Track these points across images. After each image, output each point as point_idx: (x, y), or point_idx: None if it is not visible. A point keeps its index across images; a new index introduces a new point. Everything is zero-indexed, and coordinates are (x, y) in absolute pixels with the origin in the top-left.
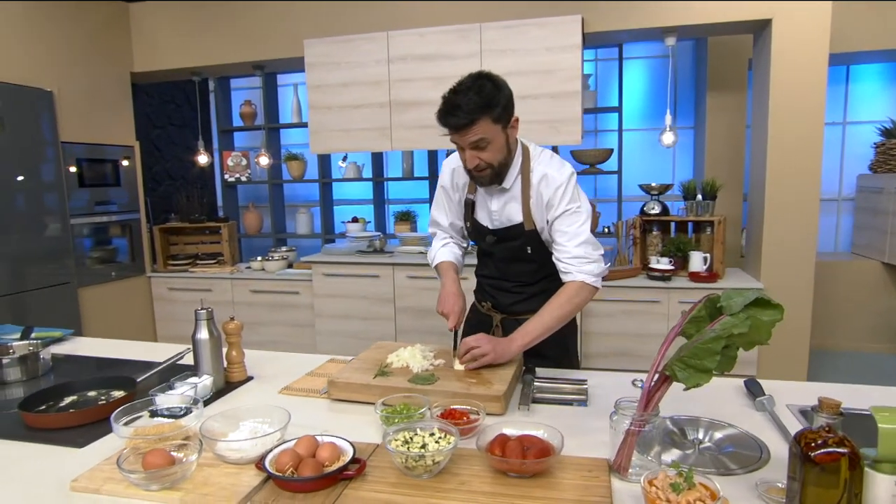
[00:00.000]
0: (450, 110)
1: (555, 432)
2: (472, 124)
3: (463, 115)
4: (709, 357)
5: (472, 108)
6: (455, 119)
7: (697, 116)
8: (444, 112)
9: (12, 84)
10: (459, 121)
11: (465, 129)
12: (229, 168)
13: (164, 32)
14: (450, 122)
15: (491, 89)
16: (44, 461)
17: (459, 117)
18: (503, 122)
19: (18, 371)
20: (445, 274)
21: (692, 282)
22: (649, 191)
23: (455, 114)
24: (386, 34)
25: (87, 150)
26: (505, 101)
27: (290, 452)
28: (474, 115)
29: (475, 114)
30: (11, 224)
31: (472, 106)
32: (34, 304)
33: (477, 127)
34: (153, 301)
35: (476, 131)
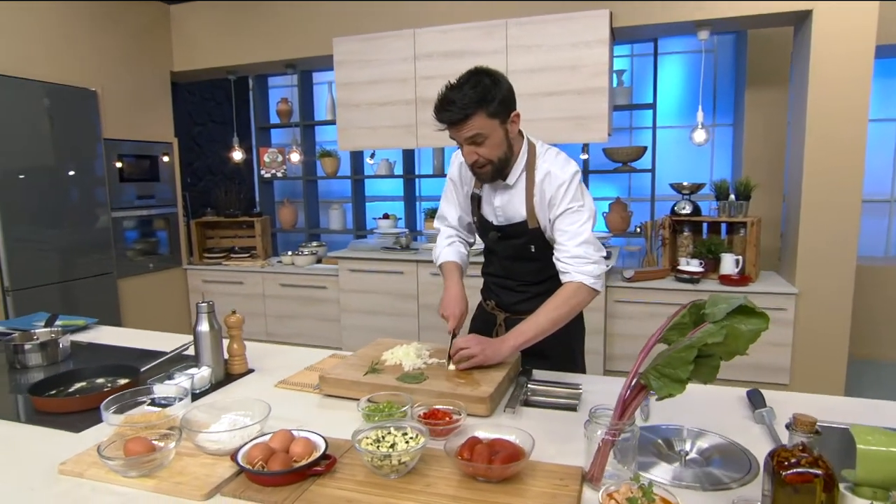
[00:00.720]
0: (444, 105)
1: (527, 437)
2: (467, 119)
3: (457, 109)
4: (682, 367)
5: (466, 103)
6: (448, 114)
7: (737, 113)
8: (439, 107)
9: (60, 84)
10: (453, 116)
11: (460, 125)
12: (265, 164)
13: (202, 33)
14: (444, 118)
15: (488, 84)
16: (43, 443)
17: (453, 112)
18: (501, 117)
19: (39, 357)
20: (449, 276)
21: (722, 285)
22: (680, 190)
23: (449, 108)
24: (413, 31)
25: (129, 146)
26: (502, 95)
27: (262, 446)
28: (468, 110)
29: (469, 108)
30: (60, 217)
31: (467, 101)
32: (79, 293)
33: (472, 122)
34: (189, 292)
35: (471, 126)
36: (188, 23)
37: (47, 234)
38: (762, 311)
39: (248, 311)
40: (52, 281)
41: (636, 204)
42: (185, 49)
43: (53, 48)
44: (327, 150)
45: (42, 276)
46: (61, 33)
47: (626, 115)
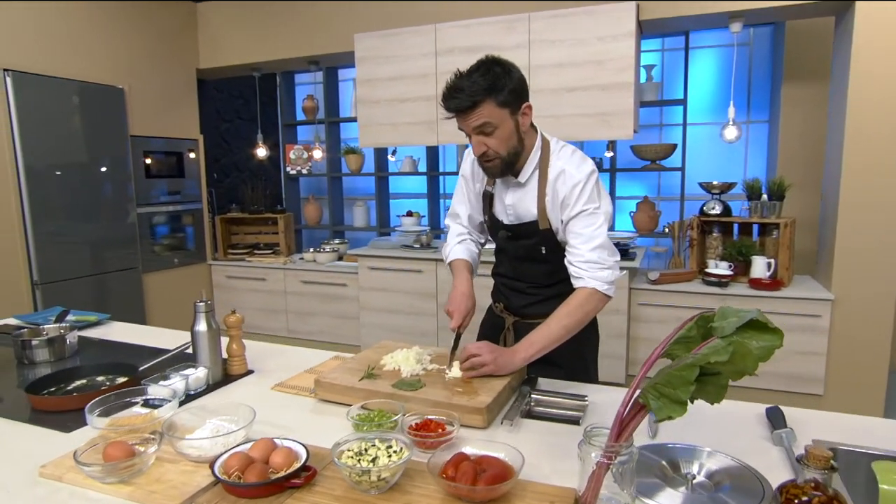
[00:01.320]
0: (452, 92)
1: (516, 455)
2: (475, 107)
3: (464, 96)
4: (682, 387)
5: (475, 90)
6: (456, 101)
7: (772, 109)
8: (447, 94)
9: (89, 82)
10: (461, 103)
11: (468, 112)
12: (291, 161)
13: (228, 30)
14: (451, 105)
15: (498, 72)
16: (33, 443)
17: (461, 99)
18: (511, 108)
19: (46, 352)
20: (458, 273)
21: (752, 289)
22: (710, 189)
23: (457, 96)
24: (433, 27)
25: (155, 143)
26: (513, 85)
27: (240, 455)
28: (477, 97)
29: (478, 95)
30: (87, 212)
31: (476, 88)
32: (105, 287)
33: (480, 110)
34: (213, 288)
35: (479, 114)
36: (214, 21)
37: (74, 229)
38: (776, 327)
39: (270, 308)
40: (78, 275)
41: (665, 203)
42: (210, 47)
43: (83, 47)
44: (352, 147)
45: (69, 269)
46: (90, 32)
47: (655, 112)
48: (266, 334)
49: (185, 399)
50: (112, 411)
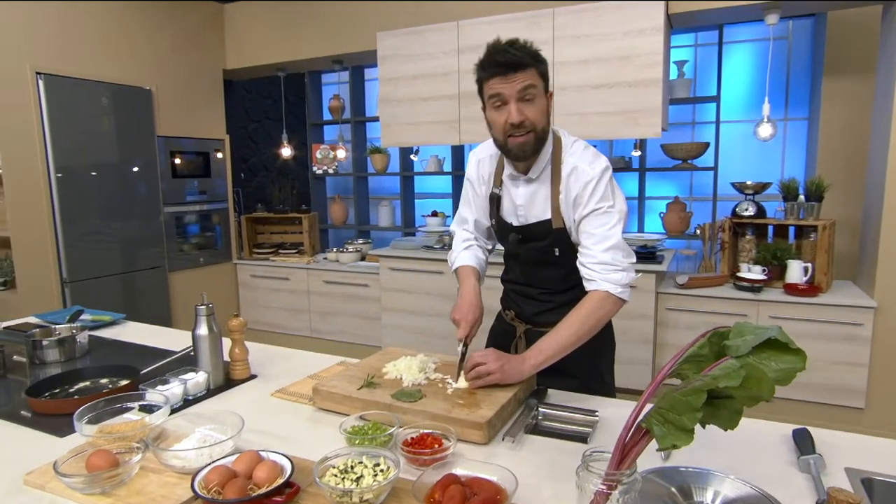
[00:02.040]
0: (505, 48)
1: (510, 478)
2: (525, 67)
3: (516, 51)
4: (688, 413)
5: (525, 52)
6: (509, 55)
7: (812, 106)
8: (495, 51)
9: (117, 84)
10: (514, 57)
11: (516, 73)
12: (318, 161)
13: (253, 30)
14: (502, 59)
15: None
16: (26, 447)
17: (513, 53)
18: (545, 83)
19: (57, 352)
20: (465, 280)
21: (787, 294)
22: (743, 190)
23: (510, 50)
24: (456, 24)
25: (182, 143)
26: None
27: (222, 469)
28: (527, 58)
29: (528, 56)
30: (115, 212)
31: (525, 51)
32: (131, 286)
33: (528, 72)
34: (238, 287)
35: (527, 76)
36: (240, 21)
37: (102, 228)
38: (798, 348)
39: (294, 308)
40: (106, 273)
41: (697, 204)
42: (237, 47)
43: (111, 49)
44: (377, 147)
45: (97, 268)
46: (119, 35)
47: (687, 109)
48: (289, 334)
49: (184, 404)
50: (106, 416)
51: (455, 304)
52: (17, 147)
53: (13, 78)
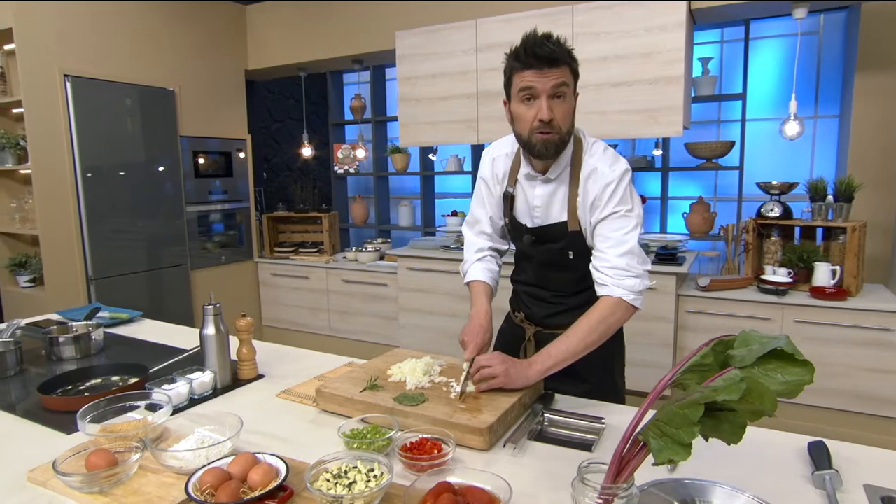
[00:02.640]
0: (541, 42)
1: (504, 487)
2: (560, 63)
3: (554, 46)
4: (685, 427)
5: (561, 47)
6: (547, 49)
7: (844, 103)
8: (534, 43)
9: (141, 85)
10: (551, 52)
11: (553, 68)
12: (339, 160)
13: (274, 31)
14: (540, 52)
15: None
16: (33, 444)
17: (551, 48)
18: (575, 83)
19: (73, 349)
20: (477, 299)
21: (813, 298)
22: (769, 190)
23: (548, 44)
24: (474, 22)
25: (203, 143)
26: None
27: (217, 471)
28: (563, 55)
29: (564, 53)
30: (138, 211)
31: (562, 48)
32: (154, 283)
33: (563, 69)
34: (259, 285)
35: (562, 73)
36: (262, 22)
37: (126, 227)
38: (805, 360)
39: (313, 306)
40: (130, 271)
41: (722, 204)
42: (258, 48)
43: (136, 51)
44: (397, 146)
45: (121, 266)
46: (143, 37)
47: (713, 107)
48: (309, 332)
49: (189, 403)
50: (111, 415)
51: (465, 325)
52: (46, 148)
53: (43, 81)
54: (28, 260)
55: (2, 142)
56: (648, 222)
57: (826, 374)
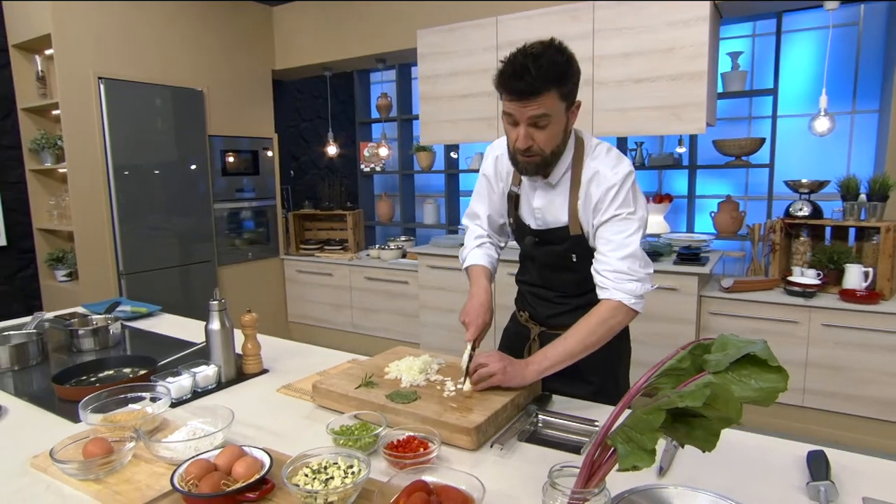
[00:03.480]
0: (518, 72)
1: (477, 487)
2: (539, 95)
3: (532, 79)
4: (648, 433)
5: (543, 75)
6: (523, 83)
7: (884, 97)
8: (511, 74)
9: (171, 86)
10: (528, 86)
11: (530, 99)
12: (365, 158)
13: (300, 32)
14: (515, 87)
15: (564, 61)
16: (42, 431)
17: (528, 81)
18: (568, 102)
19: (92, 341)
20: (476, 281)
21: (843, 301)
22: (798, 188)
23: (524, 77)
24: (495, 19)
25: (231, 142)
26: (575, 77)
27: (202, 463)
28: (545, 84)
29: (546, 82)
30: (168, 208)
31: (545, 73)
32: (182, 279)
33: (544, 98)
34: (285, 281)
35: (542, 104)
36: (288, 23)
37: (156, 224)
38: (778, 366)
39: (337, 303)
40: (159, 266)
41: (753, 203)
42: (285, 48)
43: (166, 53)
44: (422, 145)
45: (150, 261)
46: (173, 39)
47: (744, 103)
48: (333, 328)
49: (193, 396)
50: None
51: (464, 306)
52: (80, 148)
53: (79, 85)
54: (65, 255)
55: (42, 142)
56: (675, 221)
57: (855, 381)
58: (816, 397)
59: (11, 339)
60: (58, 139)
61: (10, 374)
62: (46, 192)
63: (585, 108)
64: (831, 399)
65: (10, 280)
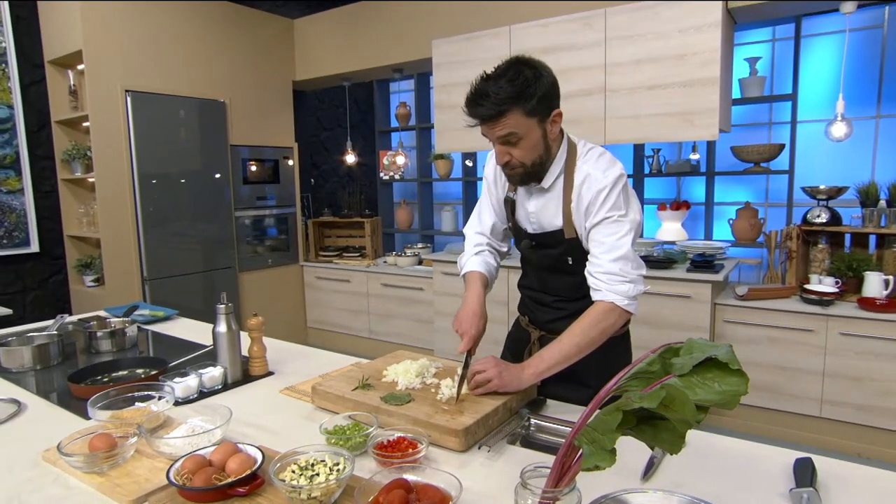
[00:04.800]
0: (476, 99)
1: (455, 486)
2: (501, 116)
3: (490, 105)
4: (608, 434)
5: (501, 98)
6: (482, 109)
7: None
8: (470, 100)
9: (195, 97)
10: (486, 111)
11: (493, 121)
12: (384, 167)
13: (320, 43)
14: (476, 112)
15: (527, 77)
16: (56, 427)
17: (486, 107)
18: (539, 116)
19: (109, 343)
20: (470, 287)
21: (862, 309)
22: (815, 195)
23: (481, 103)
24: (508, 28)
25: (252, 151)
26: (543, 91)
27: (198, 458)
28: (503, 106)
29: (504, 104)
30: (190, 216)
31: (503, 95)
32: (204, 285)
33: (507, 119)
34: (304, 287)
35: (505, 124)
36: (309, 35)
37: (179, 231)
38: (738, 369)
39: (354, 309)
40: (181, 272)
41: (773, 210)
42: (305, 59)
43: (190, 66)
44: (440, 153)
45: (173, 267)
46: (197, 52)
47: (764, 109)
48: (350, 334)
49: (199, 396)
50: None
51: (458, 313)
52: (108, 158)
53: (109, 98)
54: (93, 261)
55: (73, 152)
56: (693, 229)
57: (874, 392)
58: (835, 408)
59: (34, 340)
60: (87, 150)
61: (31, 373)
62: (77, 200)
63: (597, 115)
64: (850, 410)
65: (42, 285)
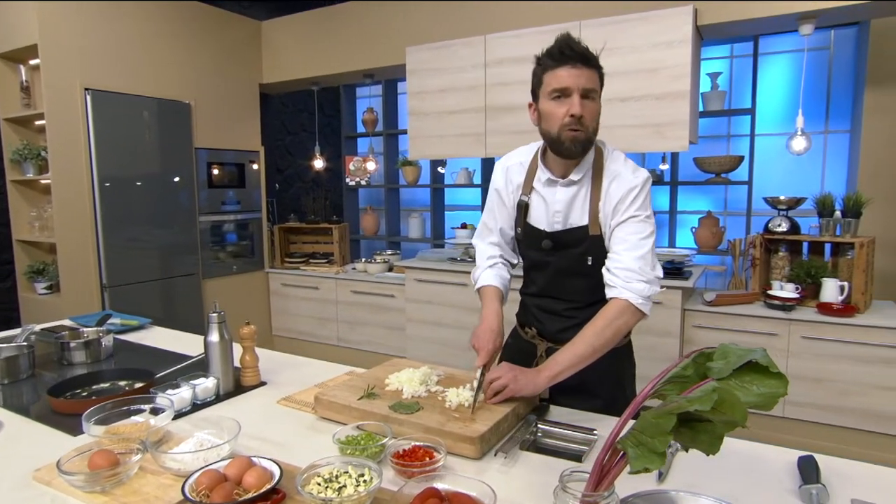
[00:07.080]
0: (573, 44)
1: (489, 493)
2: (592, 65)
3: (585, 49)
4: (659, 436)
5: (591, 52)
6: (582, 48)
7: (854, 118)
8: (566, 44)
9: (158, 98)
10: (584, 51)
11: (585, 67)
12: (350, 172)
13: (289, 46)
14: (576, 49)
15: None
16: (41, 444)
17: (583, 49)
18: (601, 91)
19: (84, 354)
20: (488, 304)
21: (820, 314)
22: (776, 205)
23: (579, 49)
24: (483, 38)
25: (217, 154)
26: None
27: (213, 473)
28: (594, 58)
29: (594, 58)
30: (152, 221)
31: (592, 52)
32: (166, 292)
33: (593, 73)
34: (269, 295)
35: (592, 77)
36: (277, 37)
37: (141, 236)
38: (778, 372)
39: (322, 316)
40: (143, 279)
41: (732, 219)
42: (273, 62)
43: (154, 65)
44: (408, 159)
45: (135, 274)
46: (162, 52)
47: (723, 122)
48: (317, 342)
49: (193, 408)
50: (115, 418)
51: (475, 329)
52: (66, 159)
53: (67, 96)
54: (46, 267)
55: (24, 153)
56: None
57: (835, 392)
58: (797, 408)
59: (2, 352)
60: (41, 150)
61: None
62: (28, 203)
63: None
64: (812, 410)
65: None
